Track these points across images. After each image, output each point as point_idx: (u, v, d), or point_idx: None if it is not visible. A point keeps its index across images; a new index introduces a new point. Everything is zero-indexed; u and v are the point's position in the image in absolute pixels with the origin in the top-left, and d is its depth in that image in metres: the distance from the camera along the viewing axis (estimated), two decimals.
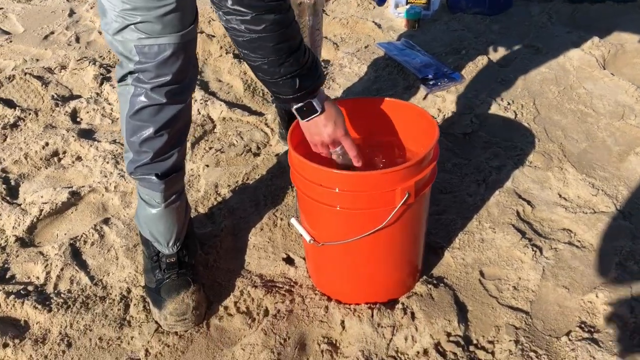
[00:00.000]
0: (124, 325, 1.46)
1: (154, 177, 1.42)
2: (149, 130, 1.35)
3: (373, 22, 2.86)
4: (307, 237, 1.40)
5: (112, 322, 1.46)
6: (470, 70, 2.41)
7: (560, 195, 1.78)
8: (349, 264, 1.42)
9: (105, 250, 1.69)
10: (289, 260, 1.63)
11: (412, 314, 1.42)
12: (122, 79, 1.34)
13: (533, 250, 1.57)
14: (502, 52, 2.53)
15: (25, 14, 3.19)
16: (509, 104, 2.18)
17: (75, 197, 1.86)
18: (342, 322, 1.42)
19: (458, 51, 2.56)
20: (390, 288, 1.47)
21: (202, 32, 2.77)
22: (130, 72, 1.30)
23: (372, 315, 1.41)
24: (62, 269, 1.61)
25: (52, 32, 2.96)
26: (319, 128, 1.33)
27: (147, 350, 1.39)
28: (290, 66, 1.20)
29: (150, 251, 1.52)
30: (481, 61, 2.46)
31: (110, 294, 1.55)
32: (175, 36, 1.25)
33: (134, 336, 1.43)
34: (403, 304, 1.44)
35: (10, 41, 2.88)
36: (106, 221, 1.78)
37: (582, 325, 1.38)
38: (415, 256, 1.47)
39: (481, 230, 1.66)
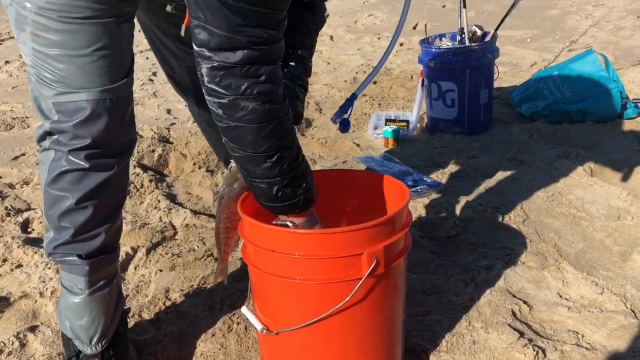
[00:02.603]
0: None
1: (76, 258, 1.20)
2: (69, 201, 1.16)
3: (352, 142, 2.80)
4: (259, 326, 1.15)
5: None
6: (451, 180, 2.29)
7: (560, 295, 1.55)
8: (310, 358, 1.15)
9: None
10: None
11: None
12: (41, 141, 1.18)
13: (534, 351, 1.30)
14: (484, 164, 2.43)
15: (0, 140, 3.14)
16: (495, 207, 2.02)
17: (2, 303, 1.61)
18: None
19: (438, 165, 2.46)
20: None
21: (176, 151, 2.69)
22: (49, 133, 1.15)
23: None
24: None
25: (23, 154, 2.87)
26: None
27: None
28: (269, 170, 1.01)
29: (69, 352, 1.25)
30: (462, 172, 2.35)
31: None
32: (94, 92, 1.10)
33: None
34: None
35: None
36: (33, 329, 1.52)
37: None
38: (391, 351, 1.20)
39: (472, 331, 1.41)
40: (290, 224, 1.12)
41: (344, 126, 1.60)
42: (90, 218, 1.18)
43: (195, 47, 0.95)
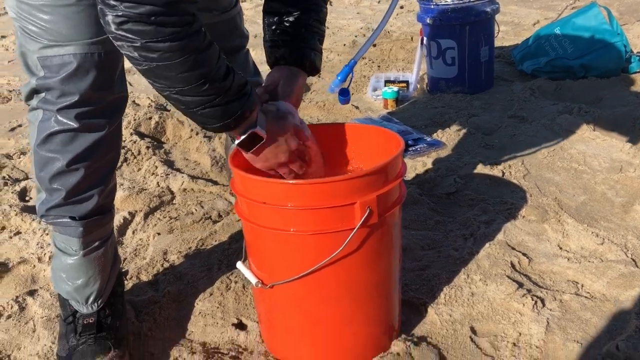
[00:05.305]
0: None
1: (69, 220, 1.18)
2: (60, 163, 1.13)
3: (351, 104, 2.76)
4: (254, 280, 1.14)
5: None
6: (452, 138, 2.26)
7: (560, 247, 1.53)
8: (305, 312, 1.14)
9: (23, 322, 1.41)
10: (240, 326, 1.35)
11: None
12: (28, 100, 1.14)
13: (533, 301, 1.29)
14: (485, 122, 2.40)
15: None
16: (495, 164, 2.00)
17: (1, 269, 1.62)
18: None
19: (439, 124, 2.43)
20: (357, 346, 1.18)
21: (173, 117, 2.67)
22: (36, 92, 1.11)
23: None
24: None
25: (20, 125, 2.86)
26: (270, 153, 1.12)
27: None
28: (205, 95, 0.97)
29: (66, 312, 1.25)
30: (463, 130, 2.32)
31: None
32: (82, 44, 1.05)
33: None
34: None
35: None
36: (32, 292, 1.52)
37: None
38: (387, 305, 1.19)
39: (470, 284, 1.40)
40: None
41: (344, 96, 1.46)
42: (82, 180, 1.16)
43: None
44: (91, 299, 1.23)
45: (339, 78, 1.29)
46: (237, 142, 1.09)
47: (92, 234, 1.21)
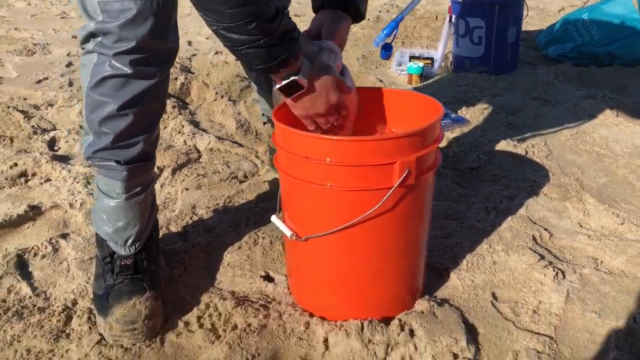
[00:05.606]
0: (61, 337, 1.20)
1: (114, 164, 1.22)
2: (111, 107, 1.16)
3: (375, 77, 2.78)
4: (288, 232, 1.18)
5: (46, 334, 1.21)
6: (476, 116, 2.28)
7: (581, 225, 1.56)
8: (336, 266, 1.19)
9: (57, 262, 1.46)
10: (267, 278, 1.39)
11: (411, 331, 1.16)
12: (84, 43, 1.17)
13: (554, 272, 1.33)
14: (509, 102, 2.42)
15: (23, 64, 3.15)
16: (518, 142, 2.02)
17: (34, 212, 1.66)
18: (326, 339, 1.16)
19: (463, 102, 2.45)
20: (383, 303, 1.22)
21: (198, 80, 2.69)
22: (93, 35, 1.13)
23: (362, 330, 1.15)
24: (0, 277, 1.38)
25: (46, 78, 2.90)
26: (309, 102, 1.16)
27: None
28: (251, 34, 1.00)
29: (104, 252, 1.29)
30: (487, 109, 2.34)
31: (52, 305, 1.30)
32: None
33: (70, 349, 1.17)
34: (400, 319, 1.19)
35: (1, 83, 2.81)
36: (64, 236, 1.57)
37: (620, 355, 1.11)
38: (414, 266, 1.23)
39: (492, 253, 1.44)
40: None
41: (387, 51, 1.45)
42: (130, 125, 1.19)
43: None
44: (130, 241, 1.27)
45: (384, 32, 1.31)
46: (277, 86, 1.12)
47: (135, 179, 1.25)
